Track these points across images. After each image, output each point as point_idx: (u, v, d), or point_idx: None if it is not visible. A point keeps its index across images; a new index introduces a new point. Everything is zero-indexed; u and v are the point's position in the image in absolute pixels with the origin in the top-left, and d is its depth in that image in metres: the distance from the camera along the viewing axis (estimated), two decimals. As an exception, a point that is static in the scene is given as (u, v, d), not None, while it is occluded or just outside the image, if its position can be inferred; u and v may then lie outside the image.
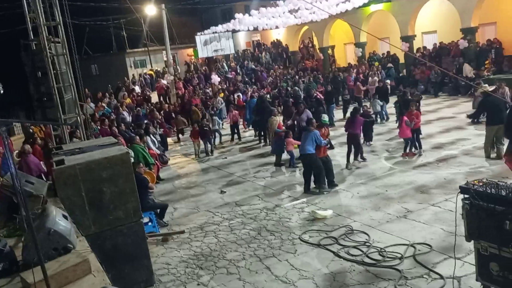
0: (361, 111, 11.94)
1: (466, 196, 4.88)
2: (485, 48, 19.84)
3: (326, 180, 9.51)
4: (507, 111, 9.06)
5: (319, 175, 9.46)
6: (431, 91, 20.12)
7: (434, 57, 21.71)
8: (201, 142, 14.36)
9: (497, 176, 8.57)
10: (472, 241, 4.87)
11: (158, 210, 8.84)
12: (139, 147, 11.02)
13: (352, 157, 11.09)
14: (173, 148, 16.63)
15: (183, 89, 24.27)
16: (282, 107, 16.37)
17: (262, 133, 15.11)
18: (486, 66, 19.03)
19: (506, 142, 9.55)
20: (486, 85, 11.44)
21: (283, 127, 13.05)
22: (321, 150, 9.61)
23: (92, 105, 20.59)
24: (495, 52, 19.55)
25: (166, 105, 20.86)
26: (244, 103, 18.58)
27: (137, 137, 11.39)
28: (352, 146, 11.05)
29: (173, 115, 18.88)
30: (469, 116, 12.52)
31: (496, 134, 9.80)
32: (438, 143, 12.02)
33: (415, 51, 23.02)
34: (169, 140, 17.43)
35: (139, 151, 10.83)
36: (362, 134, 11.93)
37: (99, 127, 14.68)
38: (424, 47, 23.10)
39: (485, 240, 4.69)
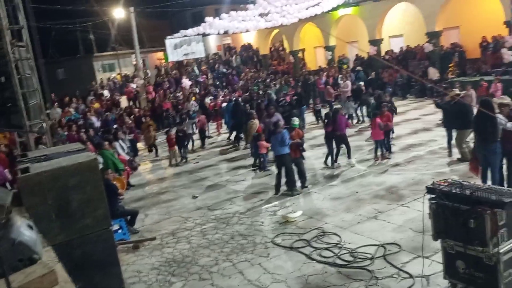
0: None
1: (433, 196, 5.00)
2: (449, 52, 20.48)
3: (298, 181, 9.60)
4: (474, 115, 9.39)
5: (290, 177, 9.54)
6: (399, 93, 20.59)
7: (401, 60, 22.25)
8: (176, 148, 14.14)
9: (462, 176, 8.81)
10: (439, 240, 4.99)
11: (129, 217, 8.69)
12: (108, 153, 10.80)
13: (343, 157, 11.18)
14: (144, 153, 16.39)
15: (153, 93, 24.01)
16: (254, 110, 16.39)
17: (241, 136, 15.09)
18: (450, 69, 19.63)
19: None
20: (456, 89, 11.72)
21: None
22: (294, 151, 9.69)
23: (59, 110, 20.10)
24: (459, 55, 20.19)
25: (136, 109, 20.58)
26: (215, 108, 18.56)
27: (106, 143, 11.17)
28: (344, 146, 11.09)
29: (143, 120, 18.62)
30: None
31: (463, 138, 10.10)
32: (406, 145, 12.29)
33: (383, 54, 23.54)
34: (140, 145, 17.18)
35: (108, 157, 10.62)
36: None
37: (66, 133, 14.33)
38: (392, 51, 23.64)
39: (451, 239, 4.81)
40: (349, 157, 11.17)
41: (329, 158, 11.20)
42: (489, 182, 7.23)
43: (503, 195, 4.56)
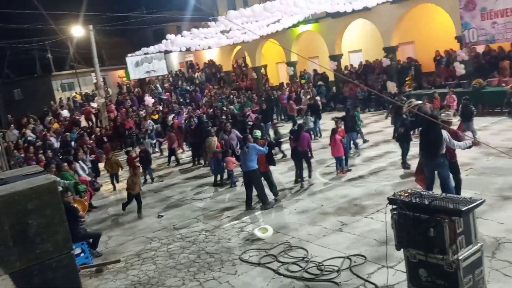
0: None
1: (394, 206, 5.13)
2: (406, 66, 21.25)
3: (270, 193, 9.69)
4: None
5: (261, 193, 9.55)
6: (359, 107, 21.07)
7: (360, 74, 22.90)
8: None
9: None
10: (402, 250, 5.12)
11: (91, 240, 8.42)
12: (68, 174, 10.50)
13: (306, 174, 11.14)
14: (106, 174, 15.99)
15: (115, 111, 23.60)
16: (217, 127, 16.38)
17: (199, 154, 14.98)
18: (407, 82, 20.34)
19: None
20: (413, 100, 12.09)
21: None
22: (262, 164, 9.71)
23: (16, 131, 19.39)
24: (415, 69, 20.98)
25: (98, 129, 20.13)
26: (181, 125, 18.42)
27: (66, 164, 10.84)
28: (304, 162, 11.04)
29: (105, 139, 18.25)
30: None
31: None
32: (368, 157, 12.58)
33: (343, 69, 24.17)
34: (102, 165, 16.77)
35: (68, 179, 10.31)
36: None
37: (23, 155, 13.82)
38: (351, 65, 24.30)
39: (413, 248, 4.94)
40: (309, 175, 11.16)
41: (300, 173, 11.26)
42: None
43: (459, 203, 4.74)
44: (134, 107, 25.02)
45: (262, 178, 9.77)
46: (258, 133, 10.60)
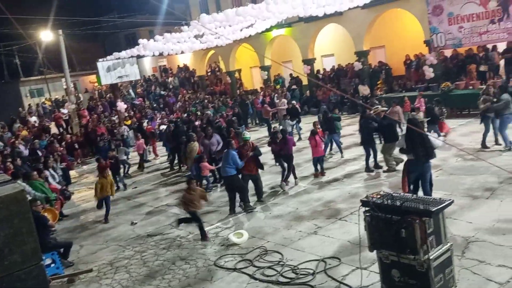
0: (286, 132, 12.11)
1: (367, 208, 5.20)
2: (377, 69, 21.65)
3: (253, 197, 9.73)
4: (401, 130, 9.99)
5: (243, 194, 9.58)
6: (337, 111, 21.31)
7: (333, 78, 23.20)
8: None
9: (394, 188, 9.29)
10: (375, 251, 5.19)
11: (62, 250, 8.21)
12: (37, 183, 10.21)
13: (289, 177, 11.13)
14: (78, 182, 15.67)
15: (87, 117, 23.15)
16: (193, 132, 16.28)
17: (178, 159, 14.83)
18: (378, 86, 20.73)
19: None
20: (379, 106, 12.34)
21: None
22: (250, 167, 9.67)
23: (-18, 139, 18.77)
24: (386, 73, 21.40)
25: (68, 135, 19.69)
26: (154, 130, 18.24)
27: (35, 172, 10.54)
28: (287, 166, 11.02)
29: (76, 146, 17.88)
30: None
31: (390, 151, 10.64)
32: (342, 160, 12.73)
33: (316, 73, 24.43)
34: (73, 172, 16.43)
35: (38, 187, 10.03)
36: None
37: (-10, 163, 13.39)
38: (324, 69, 24.59)
39: (385, 249, 5.02)
40: (286, 178, 11.09)
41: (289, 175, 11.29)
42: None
43: (429, 204, 4.84)
44: (106, 112, 24.62)
45: (250, 180, 9.82)
46: (247, 134, 10.45)
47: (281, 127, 15.05)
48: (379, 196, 5.24)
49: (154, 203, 11.51)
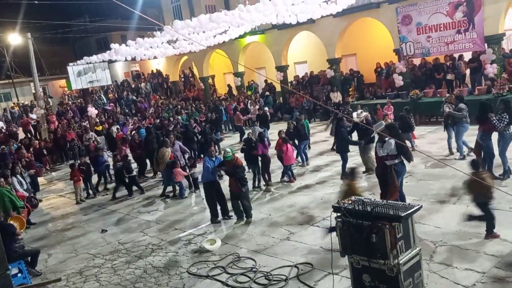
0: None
1: (339, 214, 5.27)
2: (349, 77, 22.03)
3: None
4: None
5: (221, 203, 9.38)
6: (306, 117, 21.55)
7: (306, 85, 23.45)
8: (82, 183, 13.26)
9: (366, 192, 9.45)
10: (346, 256, 5.25)
11: (29, 258, 7.97)
12: (4, 189, 9.90)
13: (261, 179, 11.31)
14: (46, 188, 15.27)
15: (56, 122, 22.60)
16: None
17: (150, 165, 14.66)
18: (350, 93, 21.08)
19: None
20: (362, 111, 12.55)
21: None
22: (230, 182, 9.17)
23: None
24: (357, 80, 21.80)
25: (37, 141, 19.16)
26: (125, 136, 17.94)
27: (2, 179, 10.22)
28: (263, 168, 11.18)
29: (45, 152, 17.43)
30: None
31: (369, 152, 10.97)
32: (315, 166, 12.84)
33: (290, 80, 24.66)
34: (41, 179, 15.99)
35: (4, 194, 9.73)
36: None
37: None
38: (297, 76, 24.83)
39: (356, 254, 5.08)
40: (259, 184, 11.32)
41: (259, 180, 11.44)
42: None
43: (399, 209, 4.94)
44: (77, 118, 24.12)
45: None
46: (228, 153, 9.10)
47: (257, 132, 15.07)
48: (350, 201, 5.32)
49: (125, 210, 11.32)
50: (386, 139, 7.58)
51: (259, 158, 11.39)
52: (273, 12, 14.00)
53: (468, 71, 17.74)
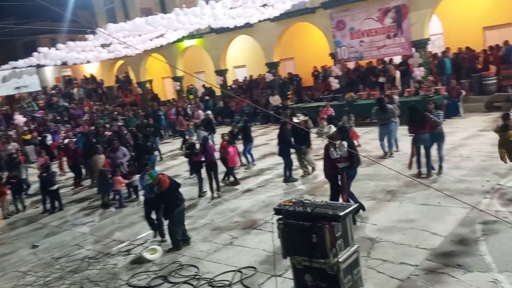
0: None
1: (280, 216, 5.31)
2: (287, 81, 22.43)
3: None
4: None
5: (159, 224, 8.57)
6: (247, 120, 21.64)
7: (246, 89, 23.59)
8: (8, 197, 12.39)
9: (307, 194, 9.64)
10: (289, 258, 5.29)
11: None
12: None
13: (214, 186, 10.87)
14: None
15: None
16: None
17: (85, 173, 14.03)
18: (289, 96, 21.46)
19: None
20: (301, 116, 12.74)
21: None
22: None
23: None
24: (296, 83, 22.26)
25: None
26: (59, 145, 17.06)
27: None
28: (212, 174, 10.76)
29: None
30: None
31: (306, 155, 11.18)
32: (256, 169, 12.90)
33: (229, 84, 24.67)
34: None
35: None
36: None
37: None
38: (237, 80, 24.92)
39: (298, 255, 5.15)
40: (218, 188, 10.95)
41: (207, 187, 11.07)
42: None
43: (337, 209, 5.07)
44: (2, 126, 22.59)
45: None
46: (148, 181, 7.91)
47: (201, 136, 14.86)
48: (291, 203, 5.37)
49: (59, 222, 10.73)
50: (337, 142, 7.65)
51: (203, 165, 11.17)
52: (210, 16, 13.92)
53: (398, 74, 18.69)
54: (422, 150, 9.65)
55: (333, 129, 7.94)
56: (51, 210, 11.74)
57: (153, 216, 8.54)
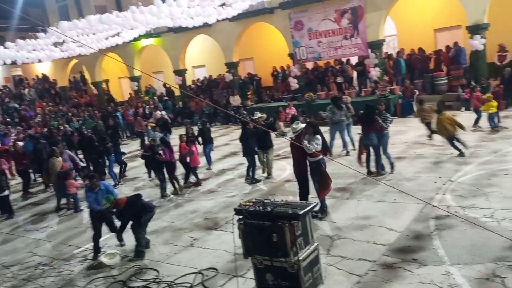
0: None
1: (241, 216, 5.30)
2: (247, 81, 22.47)
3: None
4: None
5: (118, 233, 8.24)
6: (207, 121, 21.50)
7: (205, 89, 23.43)
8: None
9: (267, 194, 9.68)
10: (250, 258, 5.30)
11: None
12: None
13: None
14: None
15: None
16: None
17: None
18: (249, 96, 21.50)
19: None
20: (258, 113, 12.75)
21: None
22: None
23: None
24: (255, 84, 22.33)
25: None
26: (8, 148, 16.27)
27: None
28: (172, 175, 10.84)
29: None
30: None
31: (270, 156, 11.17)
32: (217, 170, 12.83)
33: (188, 84, 24.41)
34: None
35: None
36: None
37: None
38: (198, 79, 24.70)
39: (259, 254, 5.16)
40: (164, 189, 10.97)
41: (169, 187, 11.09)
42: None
43: (297, 208, 5.12)
44: None
45: None
46: (106, 205, 7.56)
47: (158, 137, 14.58)
48: (251, 203, 5.38)
49: (10, 229, 10.25)
50: (307, 136, 7.65)
51: (164, 165, 11.03)
52: (168, 15, 13.73)
53: (355, 74, 19.14)
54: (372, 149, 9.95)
55: (301, 125, 8.01)
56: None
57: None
